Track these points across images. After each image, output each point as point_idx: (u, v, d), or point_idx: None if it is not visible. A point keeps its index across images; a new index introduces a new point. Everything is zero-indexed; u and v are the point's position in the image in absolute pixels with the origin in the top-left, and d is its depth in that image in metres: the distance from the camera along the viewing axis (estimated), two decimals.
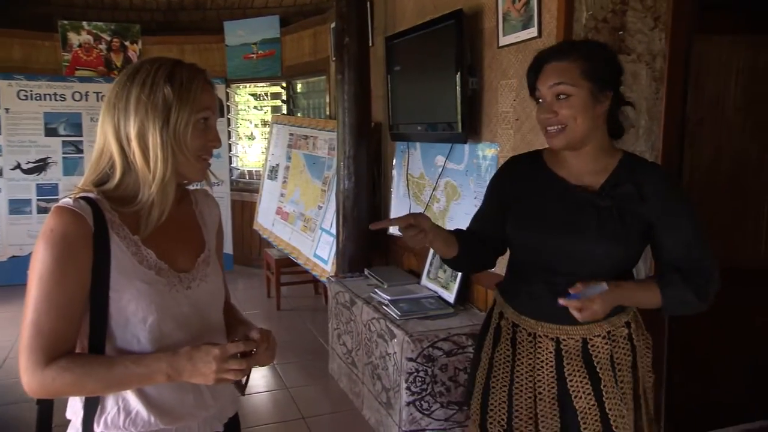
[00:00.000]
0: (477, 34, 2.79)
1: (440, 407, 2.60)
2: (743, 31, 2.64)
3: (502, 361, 1.52)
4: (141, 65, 1.08)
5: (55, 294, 0.99)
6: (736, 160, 2.71)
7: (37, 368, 0.98)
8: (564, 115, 1.36)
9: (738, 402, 2.84)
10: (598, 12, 2.30)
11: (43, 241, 0.99)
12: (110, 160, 1.07)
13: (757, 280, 2.81)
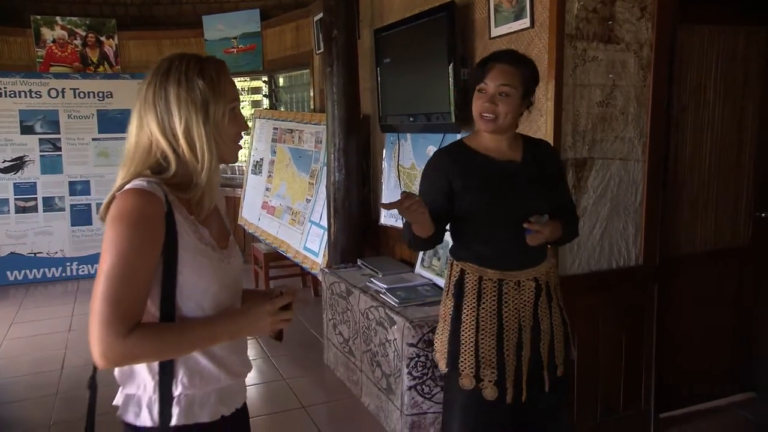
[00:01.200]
0: (468, 25, 2.84)
1: (441, 390, 2.65)
2: (722, 21, 2.74)
3: (489, 312, 1.78)
4: (170, 65, 1.14)
5: (134, 269, 1.06)
6: (716, 145, 2.82)
7: (118, 338, 1.03)
8: (501, 109, 1.71)
9: (721, 376, 2.98)
10: (588, 2, 2.37)
11: (121, 220, 1.06)
12: (162, 153, 1.14)
13: (737, 259, 2.95)
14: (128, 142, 1.18)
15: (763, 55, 2.83)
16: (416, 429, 2.64)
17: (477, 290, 1.78)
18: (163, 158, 1.14)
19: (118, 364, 1.09)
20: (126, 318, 1.04)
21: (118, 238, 1.05)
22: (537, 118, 2.46)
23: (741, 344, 2.99)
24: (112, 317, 1.03)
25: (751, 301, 2.97)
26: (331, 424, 2.93)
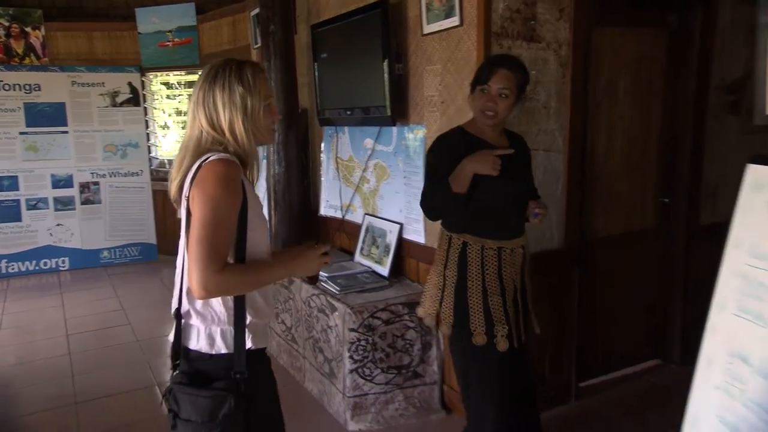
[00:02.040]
0: (402, 23, 2.84)
1: (381, 372, 2.67)
2: (630, 24, 2.88)
3: (492, 276, 1.97)
4: (216, 72, 1.38)
5: (226, 219, 1.29)
6: (626, 138, 2.97)
7: (215, 274, 1.24)
8: (501, 107, 1.92)
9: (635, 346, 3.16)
10: (512, 3, 2.43)
11: (218, 180, 1.28)
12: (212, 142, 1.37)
13: (644, 240, 3.12)
14: (185, 133, 1.42)
15: (664, 56, 3.00)
16: (358, 410, 2.65)
17: (480, 258, 1.95)
18: (216, 145, 1.36)
19: (213, 295, 1.29)
20: (220, 257, 1.25)
21: (213, 193, 1.27)
22: (467, 111, 2.47)
23: (650, 317, 3.18)
24: (212, 256, 1.24)
25: (657, 277, 3.16)
26: None
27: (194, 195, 1.29)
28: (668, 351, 3.16)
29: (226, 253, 1.28)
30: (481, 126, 1.98)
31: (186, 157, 1.37)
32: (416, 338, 2.74)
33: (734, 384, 1.52)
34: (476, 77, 1.98)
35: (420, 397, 2.75)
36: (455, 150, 1.91)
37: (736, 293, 1.57)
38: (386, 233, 3.06)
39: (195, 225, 1.26)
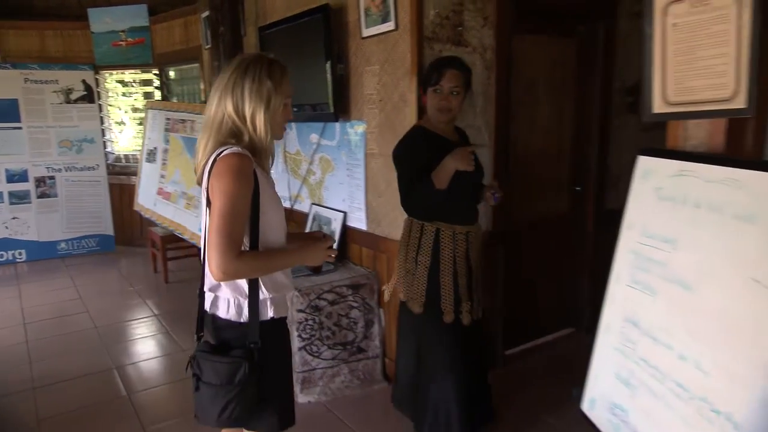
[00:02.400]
0: (343, 26, 2.82)
1: (327, 348, 2.68)
2: (545, 32, 2.97)
3: (462, 258, 2.06)
4: (248, 65, 1.39)
5: (239, 208, 1.31)
6: (544, 133, 3.08)
7: (232, 260, 1.28)
8: (454, 104, 2.01)
9: (552, 317, 3.29)
10: (442, 10, 2.45)
11: (231, 173, 1.31)
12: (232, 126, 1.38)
13: (560, 224, 3.25)
14: (207, 113, 1.42)
15: (574, 61, 3.11)
16: (307, 383, 2.65)
17: (453, 243, 2.03)
18: (236, 129, 1.38)
19: (230, 278, 1.34)
20: (236, 245, 1.30)
21: (227, 186, 1.30)
22: (403, 108, 2.52)
23: (564, 291, 3.32)
24: (227, 245, 1.28)
25: (571, 256, 3.29)
26: None
27: (213, 186, 1.34)
28: (579, 320, 3.31)
29: (241, 240, 1.33)
30: (437, 123, 2.05)
31: (210, 139, 1.39)
32: (360, 317, 2.75)
33: (627, 345, 1.62)
34: (426, 79, 2.03)
35: (364, 370, 2.77)
36: (423, 149, 2.00)
37: (629, 267, 1.66)
38: (331, 221, 3.05)
39: (214, 215, 1.31)
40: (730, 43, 1.42)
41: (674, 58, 1.56)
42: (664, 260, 1.52)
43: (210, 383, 1.40)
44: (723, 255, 1.32)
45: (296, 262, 1.48)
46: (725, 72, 1.45)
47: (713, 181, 1.39)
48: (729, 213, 1.33)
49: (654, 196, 1.60)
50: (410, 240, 2.08)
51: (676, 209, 1.51)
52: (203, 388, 1.41)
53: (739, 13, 1.39)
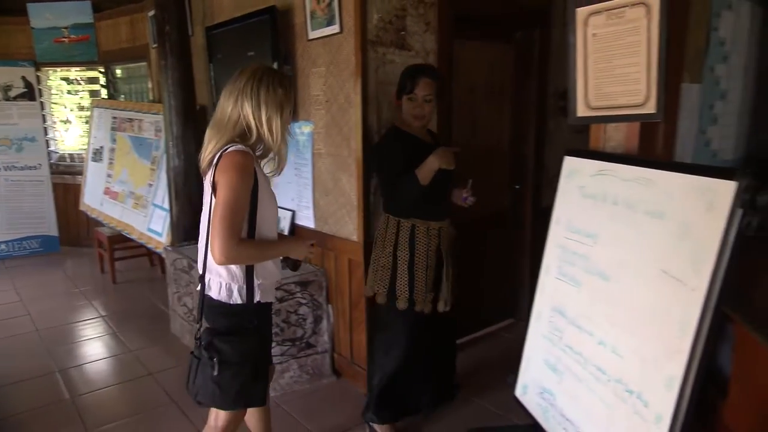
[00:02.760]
0: (289, 28, 2.79)
1: (276, 345, 2.64)
2: (484, 38, 3.04)
3: (434, 252, 2.15)
4: (262, 74, 1.52)
5: (241, 201, 1.43)
6: (485, 134, 3.15)
7: (233, 246, 1.40)
8: (426, 110, 2.10)
9: (495, 308, 3.38)
10: (385, 15, 2.47)
11: (236, 169, 1.43)
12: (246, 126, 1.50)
13: (501, 220, 3.34)
14: (221, 113, 1.52)
15: (512, 66, 3.20)
16: None
17: (427, 238, 2.12)
18: (248, 129, 1.50)
19: (230, 262, 1.44)
20: (237, 233, 1.41)
21: (232, 180, 1.41)
22: (348, 109, 2.52)
23: (506, 283, 3.41)
24: (230, 232, 1.39)
25: (511, 251, 3.39)
26: (180, 385, 2.74)
27: (218, 180, 1.44)
28: (519, 311, 3.41)
29: (241, 228, 1.44)
30: (411, 126, 2.15)
31: (221, 137, 1.49)
32: (308, 313, 2.73)
33: (555, 333, 1.68)
34: (401, 86, 2.12)
35: (313, 365, 2.76)
36: (400, 149, 2.10)
37: (557, 260, 1.73)
38: (280, 220, 3.01)
39: (218, 205, 1.42)
40: (641, 53, 1.50)
41: (594, 66, 1.64)
42: (587, 254, 1.59)
43: (228, 362, 1.49)
44: (637, 248, 1.40)
45: (283, 253, 1.62)
46: (638, 80, 1.53)
47: (628, 180, 1.47)
48: (642, 210, 1.40)
49: (578, 193, 1.67)
50: (387, 236, 2.14)
51: (597, 206, 1.58)
52: (225, 370, 1.49)
53: (648, 26, 1.47)
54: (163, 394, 2.64)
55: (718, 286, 1.16)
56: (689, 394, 1.19)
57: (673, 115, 1.64)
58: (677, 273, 1.25)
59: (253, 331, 1.54)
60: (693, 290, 1.20)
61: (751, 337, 1.10)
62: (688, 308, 1.21)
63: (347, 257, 2.63)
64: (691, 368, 1.18)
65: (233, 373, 1.50)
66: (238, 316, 1.53)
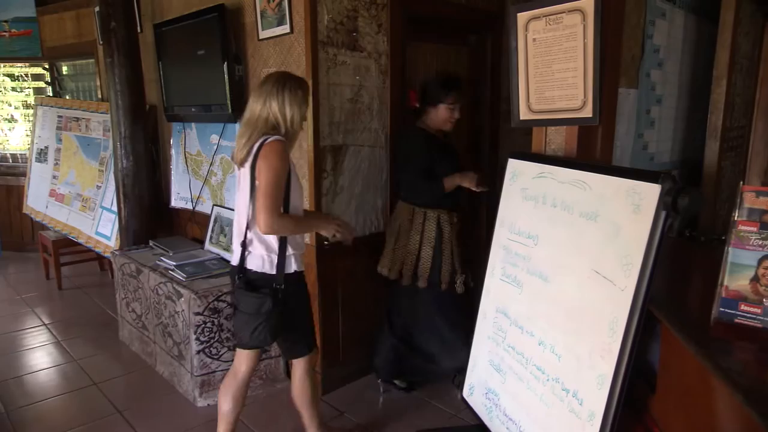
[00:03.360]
0: (240, 27, 2.73)
1: (227, 350, 2.59)
2: (438, 41, 3.06)
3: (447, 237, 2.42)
4: (285, 80, 1.81)
5: (281, 180, 1.72)
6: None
7: (275, 218, 1.69)
8: (456, 116, 2.46)
9: None
10: (336, 16, 2.45)
11: (276, 154, 1.71)
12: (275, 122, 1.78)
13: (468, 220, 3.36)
14: (251, 112, 1.81)
15: (467, 69, 3.23)
16: (206, 387, 2.54)
17: (450, 226, 2.42)
18: (276, 124, 1.78)
19: (273, 232, 1.73)
20: (278, 207, 1.71)
21: (273, 163, 1.70)
22: None
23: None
24: (273, 206, 1.68)
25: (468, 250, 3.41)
26: (127, 394, 2.66)
27: (260, 165, 1.71)
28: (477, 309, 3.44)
29: (281, 203, 1.72)
30: (434, 128, 2.46)
31: (254, 132, 1.77)
32: None
33: (499, 334, 1.71)
34: (435, 95, 2.41)
35: (266, 370, 2.71)
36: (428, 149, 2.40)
37: (500, 261, 1.76)
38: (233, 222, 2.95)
39: (262, 184, 1.69)
40: (578, 59, 1.54)
41: (535, 70, 1.67)
42: (528, 255, 1.62)
43: (244, 312, 1.82)
44: (572, 249, 1.43)
45: (314, 227, 1.98)
46: (576, 84, 1.57)
47: (565, 183, 1.50)
48: (577, 211, 1.44)
49: (520, 195, 1.70)
50: (414, 225, 2.42)
51: (537, 208, 1.61)
52: (238, 315, 1.84)
53: (584, 32, 1.51)
54: (108, 404, 2.54)
55: (645, 286, 1.20)
56: (619, 392, 1.22)
57: (610, 119, 1.69)
58: (608, 274, 1.29)
59: (272, 293, 1.80)
60: (622, 290, 1.24)
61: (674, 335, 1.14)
62: (618, 308, 1.24)
63: None
64: (621, 366, 1.22)
65: (247, 320, 1.82)
66: (264, 279, 1.81)
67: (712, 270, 1.21)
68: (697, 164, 2.10)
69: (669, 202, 1.13)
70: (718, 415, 1.04)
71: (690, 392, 1.13)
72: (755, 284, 1.09)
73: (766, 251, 1.07)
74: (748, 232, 1.09)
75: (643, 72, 1.83)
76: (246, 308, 1.81)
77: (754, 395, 0.85)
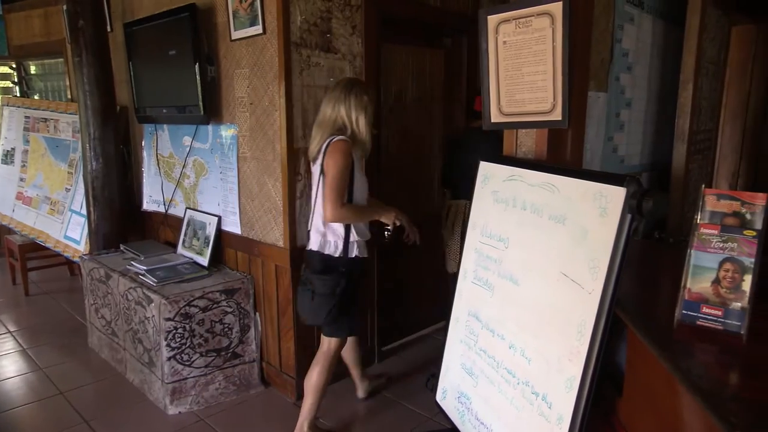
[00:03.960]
0: (212, 28, 2.69)
1: (200, 356, 2.54)
2: (413, 43, 3.06)
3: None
4: (352, 85, 2.05)
5: (344, 174, 1.94)
6: (415, 137, 3.16)
7: (340, 206, 1.92)
8: None
9: (426, 311, 3.39)
10: (309, 17, 2.42)
11: (340, 152, 1.94)
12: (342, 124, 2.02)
13: (431, 223, 3.35)
14: (322, 115, 2.06)
15: (443, 71, 3.24)
16: (177, 394, 2.49)
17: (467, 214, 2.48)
18: (342, 126, 2.02)
19: (338, 221, 1.98)
20: (342, 198, 1.94)
21: (337, 160, 1.92)
22: (272, 113, 2.45)
23: (436, 286, 3.43)
24: (337, 197, 1.91)
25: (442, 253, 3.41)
26: (95, 403, 2.59)
27: (327, 161, 1.95)
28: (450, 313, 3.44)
29: (344, 195, 1.95)
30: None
31: (324, 132, 2.02)
32: (234, 322, 2.64)
33: (471, 337, 1.70)
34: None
35: (240, 375, 2.67)
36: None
37: (473, 264, 1.75)
38: (206, 225, 2.90)
39: (328, 178, 1.93)
40: (548, 62, 1.55)
41: (505, 73, 1.67)
42: (499, 258, 1.62)
43: (321, 293, 2.01)
44: (541, 252, 1.43)
45: (375, 215, 2.12)
46: (545, 87, 1.57)
47: (535, 185, 1.51)
48: (546, 214, 1.44)
49: (491, 198, 1.70)
50: (465, 218, 2.57)
51: (507, 211, 1.61)
52: (317, 298, 2.02)
53: (553, 36, 1.52)
54: (75, 414, 2.47)
55: (611, 289, 1.20)
56: (587, 395, 1.22)
57: (580, 122, 1.70)
58: (576, 277, 1.29)
59: (341, 275, 2.01)
60: (590, 293, 1.24)
61: (639, 338, 1.15)
62: (586, 311, 1.25)
63: (274, 263, 2.56)
64: (588, 369, 1.22)
65: (322, 302, 2.01)
66: (333, 262, 2.03)
67: (679, 272, 1.22)
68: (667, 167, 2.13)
69: (634, 205, 1.14)
70: (682, 416, 1.04)
71: (655, 394, 1.14)
72: (716, 286, 1.10)
73: (726, 254, 1.09)
74: (709, 234, 1.11)
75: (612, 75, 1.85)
76: (321, 290, 2.01)
77: (714, 398, 0.86)
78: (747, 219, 1.09)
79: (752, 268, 1.08)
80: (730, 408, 0.83)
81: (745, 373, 1.01)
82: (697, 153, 2.20)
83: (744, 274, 1.09)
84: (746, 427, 0.79)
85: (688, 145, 2.00)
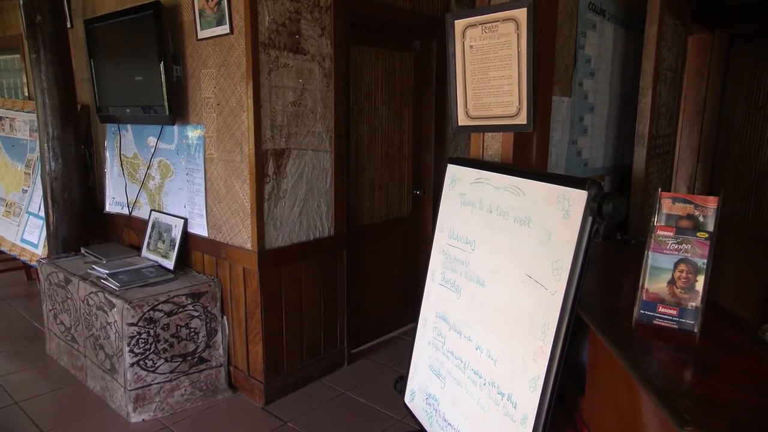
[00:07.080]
0: (178, 26, 2.63)
1: (165, 362, 2.47)
2: (383, 46, 3.06)
3: None
4: None
5: None
6: (385, 140, 3.17)
7: None
8: None
9: (395, 313, 3.40)
10: (278, 18, 2.40)
11: None
12: None
13: (402, 225, 3.38)
14: None
15: (412, 74, 3.25)
16: (140, 401, 2.42)
17: None
18: None
19: None
20: None
21: None
22: (240, 114, 2.42)
23: (406, 287, 3.45)
24: None
25: (412, 255, 3.44)
26: (53, 413, 2.49)
27: None
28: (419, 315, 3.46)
29: None
30: None
31: None
32: (201, 326, 2.59)
33: (438, 339, 1.71)
34: None
35: (206, 381, 2.61)
36: None
37: (440, 266, 1.77)
38: (172, 228, 2.84)
39: None
40: (513, 66, 1.57)
41: (472, 77, 1.69)
42: (466, 260, 1.63)
43: None
44: (507, 254, 1.45)
45: None
46: (511, 91, 1.60)
47: (501, 188, 1.53)
48: (512, 217, 1.46)
49: (459, 201, 1.72)
50: None
51: (474, 213, 1.63)
52: None
53: (518, 41, 1.54)
54: (31, 425, 2.37)
55: (574, 290, 1.23)
56: (550, 394, 1.25)
57: (545, 126, 1.74)
58: (540, 278, 1.32)
59: None
60: (553, 294, 1.27)
61: (599, 337, 1.18)
62: (549, 311, 1.27)
63: (242, 266, 2.53)
64: (552, 369, 1.25)
65: None
66: None
67: (638, 272, 1.26)
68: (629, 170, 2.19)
69: (594, 207, 1.17)
70: (640, 413, 1.07)
71: (615, 392, 1.17)
72: (672, 287, 1.14)
73: (681, 255, 1.12)
74: (665, 236, 1.14)
75: (576, 81, 1.90)
76: None
77: (668, 395, 0.89)
78: (700, 221, 1.13)
79: (705, 269, 1.12)
80: (684, 405, 0.86)
81: (698, 370, 1.05)
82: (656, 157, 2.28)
83: (697, 275, 1.13)
84: (698, 423, 0.81)
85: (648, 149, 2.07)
